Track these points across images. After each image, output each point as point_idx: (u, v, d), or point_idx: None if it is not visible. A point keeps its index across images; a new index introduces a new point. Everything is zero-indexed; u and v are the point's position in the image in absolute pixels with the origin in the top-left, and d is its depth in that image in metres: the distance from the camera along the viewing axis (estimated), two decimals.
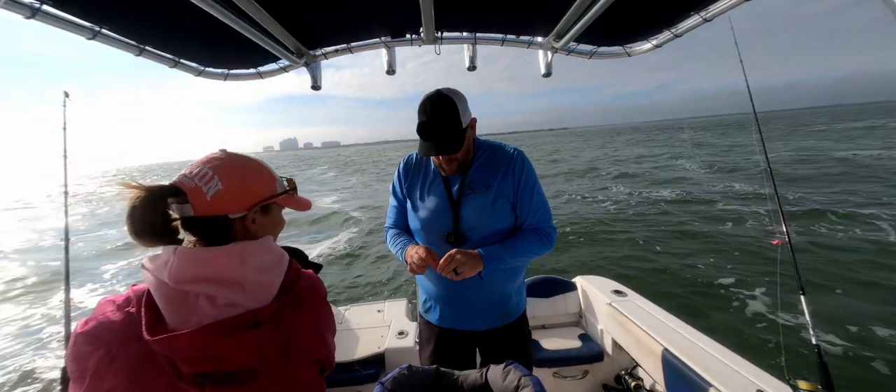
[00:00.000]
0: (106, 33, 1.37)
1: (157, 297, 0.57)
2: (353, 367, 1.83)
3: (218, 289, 0.58)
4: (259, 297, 0.61)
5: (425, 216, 1.22)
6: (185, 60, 1.75)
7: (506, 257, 1.14)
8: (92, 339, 0.56)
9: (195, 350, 0.54)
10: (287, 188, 0.74)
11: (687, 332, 1.64)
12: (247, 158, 0.69)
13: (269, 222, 0.71)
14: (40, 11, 1.16)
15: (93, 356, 0.54)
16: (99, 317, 0.58)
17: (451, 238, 1.17)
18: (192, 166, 0.64)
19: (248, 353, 0.57)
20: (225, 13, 1.26)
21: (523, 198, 1.18)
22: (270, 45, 1.62)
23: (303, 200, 0.78)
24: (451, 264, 1.06)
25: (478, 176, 1.19)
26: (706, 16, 1.47)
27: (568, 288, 2.28)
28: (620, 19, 1.60)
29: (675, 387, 1.46)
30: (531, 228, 1.20)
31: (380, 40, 1.87)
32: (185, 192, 0.61)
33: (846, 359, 3.48)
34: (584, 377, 1.97)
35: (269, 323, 0.59)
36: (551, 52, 1.98)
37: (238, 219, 0.65)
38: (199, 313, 0.56)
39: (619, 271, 5.81)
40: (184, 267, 0.56)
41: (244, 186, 0.65)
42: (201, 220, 0.62)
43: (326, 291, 0.74)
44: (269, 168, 0.72)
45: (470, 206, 1.17)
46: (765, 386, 1.27)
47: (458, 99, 1.10)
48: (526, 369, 0.80)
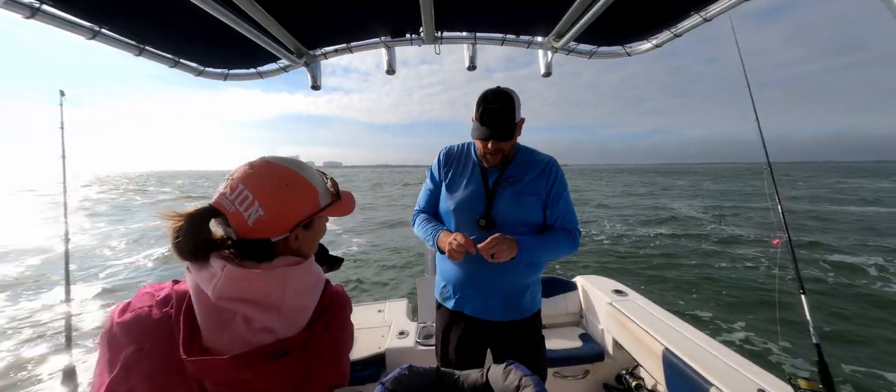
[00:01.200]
0: (106, 33, 1.37)
1: (197, 308, 0.57)
2: (354, 367, 1.83)
3: (255, 311, 0.58)
4: (293, 323, 0.61)
5: (461, 199, 1.30)
6: (184, 60, 1.75)
7: (538, 248, 1.22)
8: (127, 332, 0.56)
9: (225, 376, 0.54)
10: (330, 199, 0.71)
11: (687, 331, 1.64)
12: (289, 173, 0.65)
13: (312, 235, 0.69)
14: (40, 11, 1.16)
15: (127, 348, 0.55)
16: (137, 308, 0.59)
17: (481, 222, 1.25)
18: (231, 183, 0.62)
19: (272, 381, 0.57)
20: (225, 13, 1.26)
21: (555, 201, 1.28)
22: (270, 45, 1.62)
23: (346, 205, 0.74)
24: (494, 247, 1.12)
25: (514, 172, 1.29)
26: (706, 16, 1.47)
27: (568, 288, 2.28)
28: (620, 19, 1.60)
29: (675, 386, 1.46)
30: (561, 228, 1.29)
31: (380, 40, 1.87)
32: (225, 215, 0.60)
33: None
34: (585, 377, 1.97)
35: (297, 351, 0.59)
36: (551, 52, 1.97)
37: (280, 240, 0.64)
38: (233, 333, 0.57)
39: (620, 268, 5.81)
40: (228, 286, 0.56)
41: (286, 211, 0.63)
42: (244, 243, 0.61)
43: (351, 308, 0.74)
44: (313, 178, 0.68)
45: (504, 196, 1.26)
46: (766, 385, 1.27)
47: (515, 96, 1.22)
48: (527, 369, 0.80)
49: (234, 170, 0.64)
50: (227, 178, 0.63)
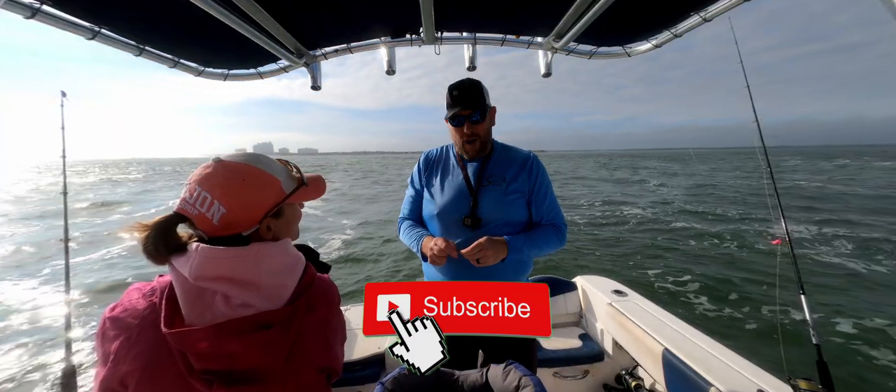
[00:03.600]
0: (106, 33, 1.37)
1: (177, 291, 0.59)
2: (354, 367, 1.83)
3: (234, 288, 0.59)
4: (273, 299, 0.62)
5: (445, 201, 1.30)
6: (184, 60, 1.75)
7: (527, 246, 1.21)
8: (117, 324, 0.59)
9: (206, 346, 0.55)
10: (296, 184, 0.71)
11: (687, 331, 1.64)
12: (245, 167, 0.64)
13: (284, 223, 0.70)
14: (40, 11, 1.16)
15: (116, 340, 0.57)
16: (126, 303, 0.61)
17: (467, 222, 1.24)
18: (190, 188, 0.62)
19: (257, 354, 0.57)
20: (225, 13, 1.26)
21: (540, 198, 1.29)
22: (270, 45, 1.62)
23: (314, 189, 0.74)
24: (478, 252, 1.11)
25: (495, 169, 1.30)
26: (706, 16, 1.47)
27: (568, 288, 2.28)
28: (620, 19, 1.60)
29: (675, 386, 1.46)
30: (548, 224, 1.29)
31: (380, 40, 1.86)
32: (191, 219, 0.61)
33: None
34: (585, 377, 1.97)
35: (280, 326, 0.60)
36: (551, 53, 1.97)
37: (252, 233, 0.65)
38: (214, 311, 0.58)
39: (619, 269, 5.82)
40: (203, 265, 0.57)
41: (248, 204, 0.63)
42: (215, 241, 0.62)
43: (340, 298, 0.74)
44: (273, 168, 0.68)
45: (487, 195, 1.26)
46: (765, 385, 1.27)
47: (482, 84, 1.26)
48: (526, 369, 0.80)
49: (192, 174, 0.64)
50: (186, 183, 0.64)
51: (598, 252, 7.74)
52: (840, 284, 5.55)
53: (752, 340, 4.04)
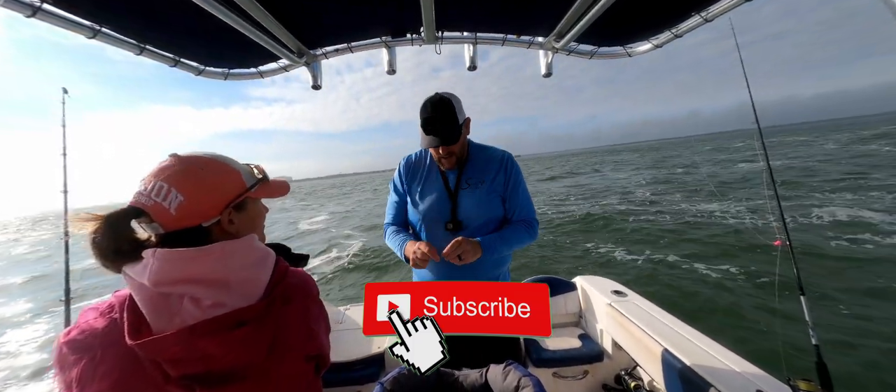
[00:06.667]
0: (106, 32, 1.37)
1: (138, 301, 0.55)
2: (353, 367, 1.83)
3: (201, 289, 0.56)
4: (246, 295, 0.59)
5: (426, 206, 1.33)
6: (185, 60, 1.75)
7: (501, 245, 1.26)
8: (75, 346, 0.54)
9: (180, 351, 0.52)
10: (257, 178, 0.69)
11: (687, 332, 1.64)
12: (202, 159, 0.63)
13: (247, 218, 0.67)
14: (41, 10, 1.16)
15: (76, 366, 0.53)
16: (82, 325, 0.57)
17: (449, 226, 1.29)
18: (144, 181, 0.59)
19: (235, 352, 0.55)
20: (225, 12, 1.26)
21: (513, 194, 1.33)
22: (271, 45, 1.62)
23: (278, 185, 0.73)
24: (457, 250, 1.15)
25: (473, 172, 1.33)
26: (706, 16, 1.47)
27: (568, 288, 2.28)
28: (621, 19, 1.60)
29: (674, 387, 1.46)
30: (519, 220, 1.34)
31: (380, 40, 1.87)
32: (147, 212, 0.57)
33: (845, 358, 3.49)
34: (584, 377, 1.97)
35: (255, 322, 0.57)
36: (552, 53, 1.97)
37: (213, 225, 0.61)
38: (183, 315, 0.54)
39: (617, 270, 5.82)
40: (163, 268, 0.54)
41: (208, 191, 0.61)
42: (175, 234, 0.59)
43: (318, 289, 0.72)
44: (231, 161, 0.67)
45: (467, 197, 1.30)
46: (764, 386, 1.27)
47: (454, 100, 1.25)
48: (526, 369, 0.80)
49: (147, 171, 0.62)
50: (141, 179, 0.61)
51: (594, 252, 7.74)
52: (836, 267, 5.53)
53: (752, 341, 4.04)
